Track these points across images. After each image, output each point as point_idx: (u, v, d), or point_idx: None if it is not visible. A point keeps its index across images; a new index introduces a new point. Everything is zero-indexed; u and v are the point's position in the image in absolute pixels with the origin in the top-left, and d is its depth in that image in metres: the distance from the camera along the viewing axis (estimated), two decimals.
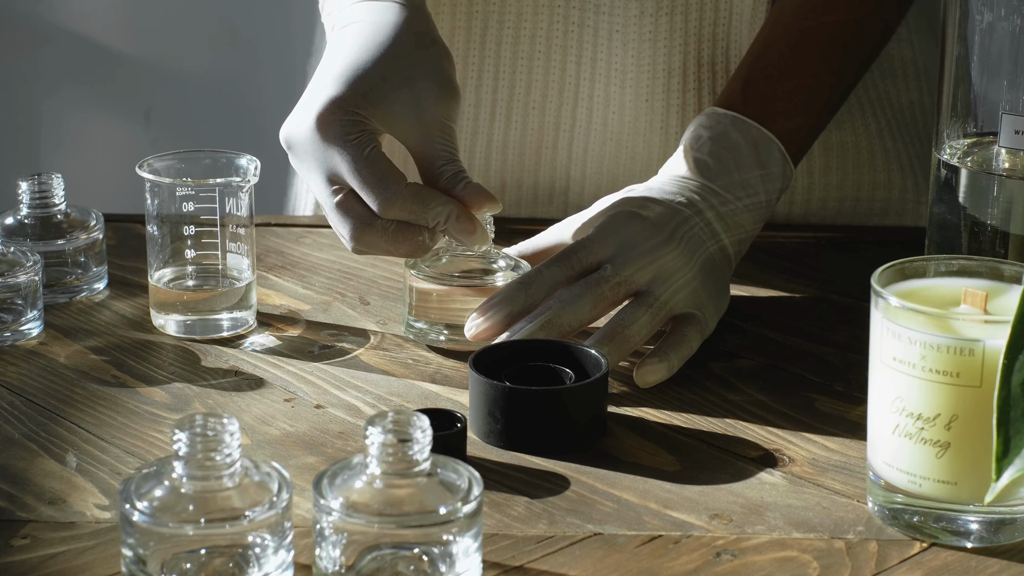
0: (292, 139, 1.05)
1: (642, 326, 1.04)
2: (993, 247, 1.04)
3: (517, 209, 1.33)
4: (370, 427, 0.81)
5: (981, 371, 0.84)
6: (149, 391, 1.04)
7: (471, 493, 0.81)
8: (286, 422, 1.00)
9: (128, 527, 0.80)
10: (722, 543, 0.88)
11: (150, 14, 2.52)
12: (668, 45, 1.27)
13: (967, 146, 1.06)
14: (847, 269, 1.23)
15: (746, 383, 1.06)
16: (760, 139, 1.14)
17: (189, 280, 1.12)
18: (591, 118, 1.29)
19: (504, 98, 1.30)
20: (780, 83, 1.17)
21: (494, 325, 1.05)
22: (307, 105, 1.04)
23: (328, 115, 1.03)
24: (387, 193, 1.03)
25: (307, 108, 1.04)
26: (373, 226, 1.04)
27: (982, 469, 0.83)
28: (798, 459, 0.96)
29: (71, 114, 2.55)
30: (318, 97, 1.04)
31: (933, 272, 0.90)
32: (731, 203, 1.12)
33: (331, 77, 1.05)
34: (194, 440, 0.80)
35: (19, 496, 0.92)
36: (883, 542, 0.88)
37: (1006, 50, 1.03)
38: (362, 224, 1.04)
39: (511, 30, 1.29)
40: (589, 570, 0.85)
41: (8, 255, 1.12)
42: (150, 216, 1.11)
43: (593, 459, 0.96)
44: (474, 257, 1.10)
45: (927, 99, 1.34)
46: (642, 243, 1.07)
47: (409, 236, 1.04)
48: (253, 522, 0.79)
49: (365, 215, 1.04)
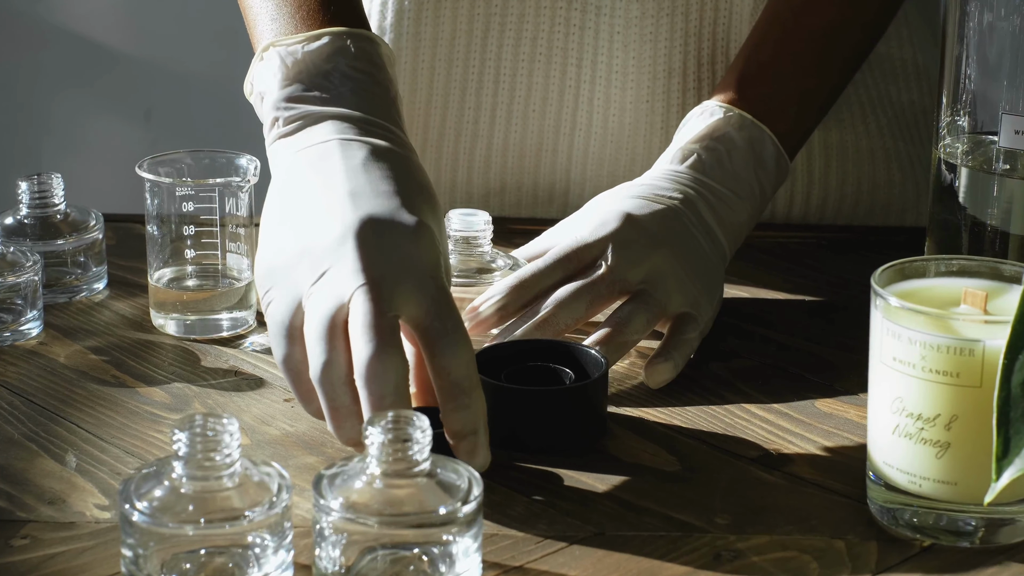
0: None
1: (641, 326, 1.04)
2: (993, 247, 1.04)
3: (517, 210, 1.33)
4: (370, 427, 0.81)
5: (981, 371, 0.84)
6: (149, 391, 1.04)
7: (471, 493, 0.81)
8: (286, 422, 1.00)
9: (128, 527, 0.80)
10: (722, 543, 0.88)
11: (150, 14, 2.52)
12: (668, 46, 1.27)
13: (967, 146, 1.06)
14: (847, 269, 1.23)
15: (746, 383, 1.06)
16: (755, 134, 1.15)
17: (189, 280, 1.12)
18: (591, 120, 1.29)
19: (504, 100, 1.30)
20: (774, 78, 1.18)
21: (487, 321, 1.05)
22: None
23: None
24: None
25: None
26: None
27: (982, 469, 0.83)
28: (798, 459, 0.96)
29: (71, 114, 2.55)
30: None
31: (933, 272, 0.90)
32: (729, 200, 1.12)
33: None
34: (194, 440, 0.80)
35: (19, 496, 0.92)
36: (883, 542, 0.88)
37: (1006, 50, 1.03)
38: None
39: (512, 32, 1.29)
40: (589, 570, 0.85)
41: (8, 255, 1.12)
42: (150, 216, 1.11)
43: (593, 459, 0.96)
44: (474, 257, 1.10)
45: (927, 99, 1.34)
46: (637, 242, 1.07)
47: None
48: (253, 522, 0.79)
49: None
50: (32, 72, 2.53)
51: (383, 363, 0.88)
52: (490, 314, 1.05)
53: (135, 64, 2.53)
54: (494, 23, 1.29)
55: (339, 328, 0.90)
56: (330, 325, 0.90)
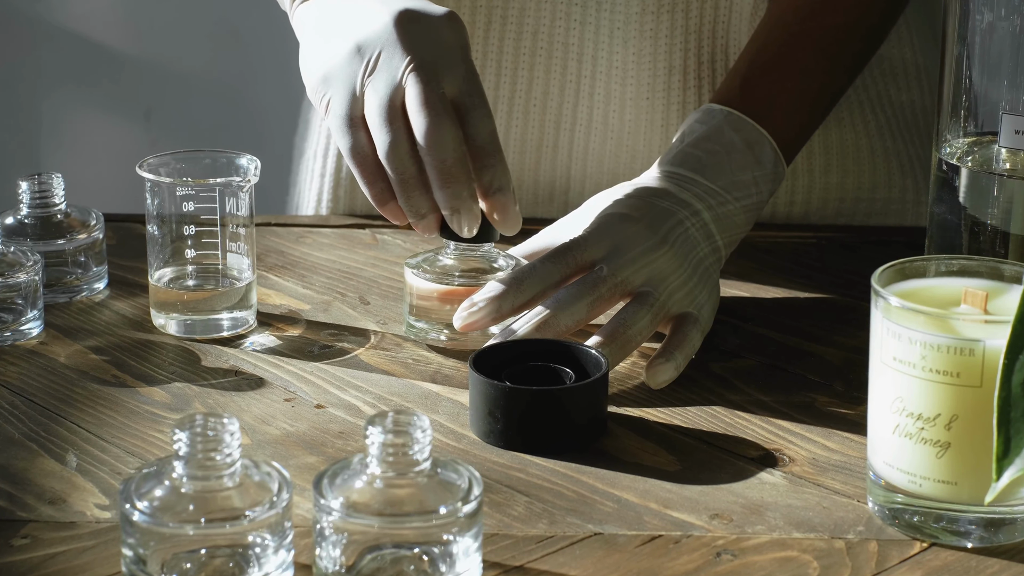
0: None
1: (644, 327, 1.04)
2: (993, 247, 1.04)
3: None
4: (370, 427, 0.81)
5: (981, 371, 0.84)
6: (149, 391, 1.04)
7: (471, 493, 0.81)
8: (286, 422, 1.00)
9: (128, 527, 0.80)
10: (722, 543, 0.88)
11: (150, 14, 2.53)
12: (669, 43, 1.27)
13: (967, 146, 1.06)
14: (847, 269, 1.23)
15: (746, 383, 1.06)
16: (755, 137, 1.15)
17: (189, 280, 1.12)
18: (592, 116, 1.29)
19: (505, 96, 1.30)
20: (776, 81, 1.18)
21: (484, 317, 1.05)
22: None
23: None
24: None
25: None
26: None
27: (982, 469, 0.83)
28: (798, 459, 0.96)
29: (71, 114, 2.55)
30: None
31: (933, 272, 0.90)
32: (728, 203, 1.12)
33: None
34: (194, 440, 0.80)
35: (19, 496, 0.92)
36: (883, 542, 0.88)
37: (1006, 50, 1.03)
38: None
39: (513, 27, 1.29)
40: (589, 570, 0.85)
41: (8, 255, 1.12)
42: (150, 216, 1.11)
43: (593, 459, 0.96)
44: (474, 257, 1.10)
45: (927, 99, 1.34)
46: (637, 245, 1.07)
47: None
48: (253, 522, 0.79)
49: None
50: (32, 72, 2.53)
51: (440, 131, 1.02)
52: (485, 312, 1.04)
53: (135, 64, 2.54)
54: (496, 17, 1.29)
55: (398, 110, 1.04)
56: (389, 108, 1.03)
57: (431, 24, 1.05)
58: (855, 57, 1.21)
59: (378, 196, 1.06)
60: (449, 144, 1.02)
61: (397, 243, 1.27)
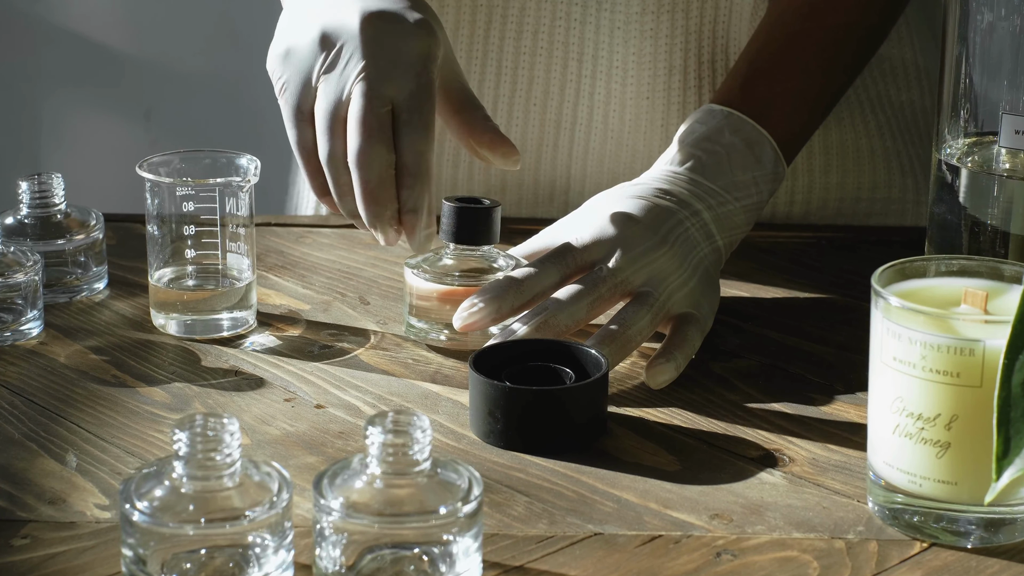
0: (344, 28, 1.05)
1: (644, 327, 1.04)
2: (993, 247, 1.04)
3: (517, 209, 1.33)
4: (370, 427, 0.81)
5: (981, 371, 0.84)
6: (149, 391, 1.04)
7: (471, 493, 0.81)
8: (286, 422, 1.00)
9: (128, 527, 0.80)
10: (722, 543, 0.88)
11: (150, 14, 2.53)
12: (669, 42, 1.27)
13: (967, 146, 1.06)
14: (847, 269, 1.23)
15: (746, 383, 1.06)
16: (755, 137, 1.15)
17: (189, 280, 1.12)
18: (592, 116, 1.29)
19: (506, 95, 1.30)
20: (776, 82, 1.18)
21: (484, 318, 1.05)
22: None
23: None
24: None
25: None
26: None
27: (982, 469, 0.83)
28: (798, 459, 0.96)
29: (71, 114, 2.55)
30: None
31: (933, 272, 0.90)
32: (728, 203, 1.12)
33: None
34: (194, 440, 0.80)
35: (19, 496, 0.92)
36: (883, 542, 0.88)
37: (1006, 50, 1.03)
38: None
39: (514, 26, 1.29)
40: (589, 570, 0.85)
41: (8, 255, 1.12)
42: (150, 216, 1.11)
43: (593, 459, 0.96)
44: (474, 257, 1.10)
45: (927, 99, 1.34)
46: (637, 245, 1.07)
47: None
48: (253, 522, 0.79)
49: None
50: (32, 72, 2.53)
51: (368, 154, 1.03)
52: (485, 312, 1.04)
53: (135, 64, 2.54)
54: (496, 16, 1.29)
55: (341, 120, 1.05)
56: (332, 117, 1.05)
57: (398, 31, 1.05)
58: (855, 57, 1.21)
59: (318, 189, 1.08)
60: (375, 166, 1.03)
61: (397, 243, 1.27)
